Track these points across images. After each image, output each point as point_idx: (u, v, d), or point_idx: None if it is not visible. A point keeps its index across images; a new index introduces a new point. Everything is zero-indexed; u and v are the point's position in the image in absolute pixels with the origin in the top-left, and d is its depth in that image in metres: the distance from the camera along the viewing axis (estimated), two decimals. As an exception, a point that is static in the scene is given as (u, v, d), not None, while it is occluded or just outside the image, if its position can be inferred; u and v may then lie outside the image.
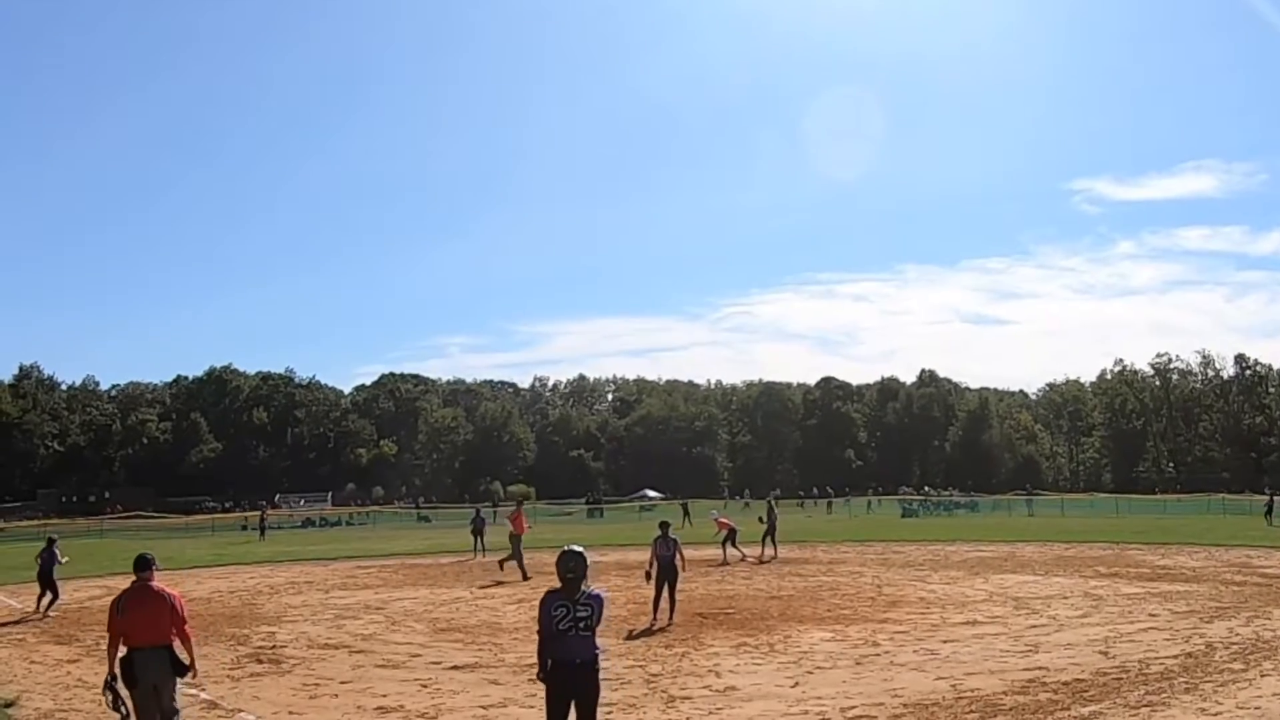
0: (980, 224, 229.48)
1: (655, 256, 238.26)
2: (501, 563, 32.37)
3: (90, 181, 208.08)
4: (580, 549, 9.59)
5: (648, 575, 21.17)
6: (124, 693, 10.20)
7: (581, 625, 9.24)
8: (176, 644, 10.38)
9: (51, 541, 26.07)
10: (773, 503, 39.93)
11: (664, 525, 22.00)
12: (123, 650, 10.19)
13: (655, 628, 19.96)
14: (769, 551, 35.98)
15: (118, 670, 10.15)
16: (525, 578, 29.87)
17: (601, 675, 9.46)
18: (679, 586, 21.22)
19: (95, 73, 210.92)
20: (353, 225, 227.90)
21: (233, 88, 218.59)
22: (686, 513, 63.49)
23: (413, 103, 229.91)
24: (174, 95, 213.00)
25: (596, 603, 9.37)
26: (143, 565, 10.65)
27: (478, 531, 41.72)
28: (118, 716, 10.29)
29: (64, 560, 25.82)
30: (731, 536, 35.55)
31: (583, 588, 9.39)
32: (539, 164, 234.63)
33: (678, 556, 21.11)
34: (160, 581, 10.69)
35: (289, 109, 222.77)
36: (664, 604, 20.77)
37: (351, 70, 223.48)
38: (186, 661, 10.37)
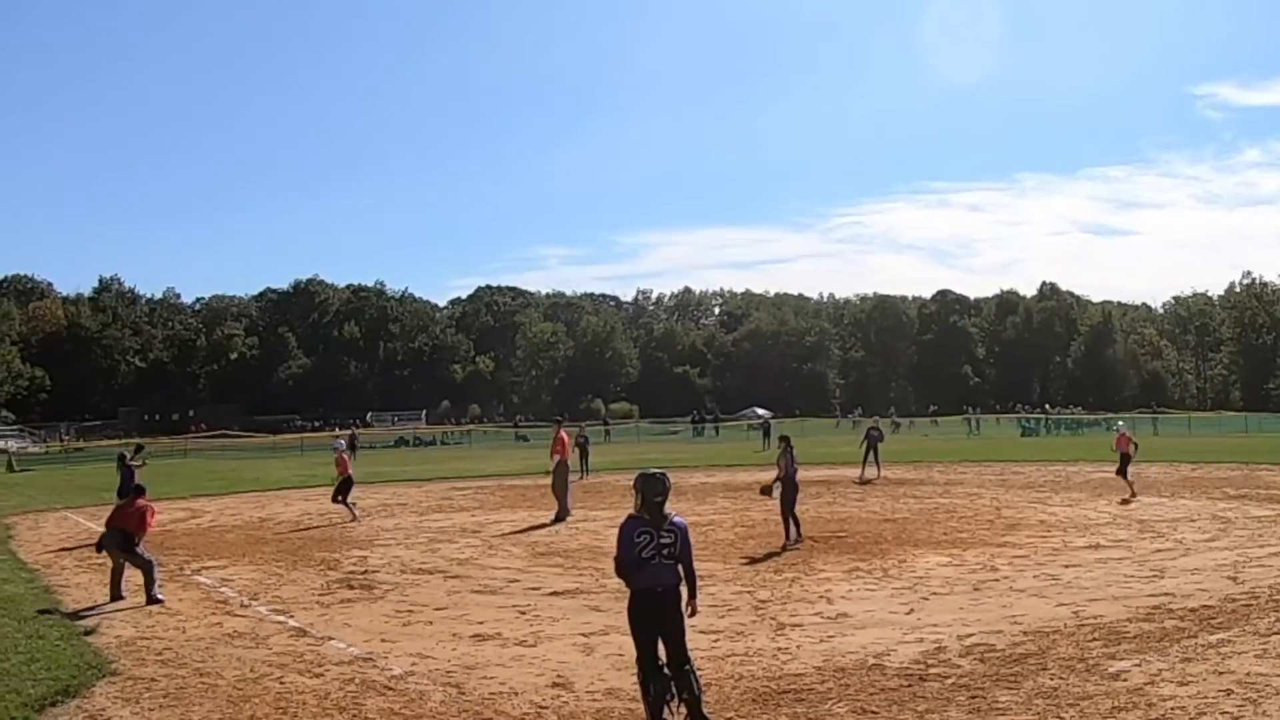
0: (1100, 130, 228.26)
1: (762, 165, 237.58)
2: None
3: (174, 88, 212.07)
4: (664, 471, 9.59)
5: (767, 490, 21.37)
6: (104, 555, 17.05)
7: (665, 553, 9.20)
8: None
9: (122, 458, 25.38)
10: (869, 420, 40.07)
11: (785, 439, 22.06)
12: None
13: (789, 548, 20.26)
14: (869, 472, 36.58)
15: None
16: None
17: (701, 602, 9.50)
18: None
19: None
20: (446, 133, 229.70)
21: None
22: (767, 434, 63.73)
23: (511, 8, 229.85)
24: (262, 1, 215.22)
25: (681, 532, 9.32)
26: (138, 493, 17.19)
27: (582, 453, 42.16)
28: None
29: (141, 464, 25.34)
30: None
31: (665, 512, 9.37)
32: (641, 69, 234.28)
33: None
34: (147, 501, 17.16)
35: (383, 16, 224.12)
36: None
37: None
38: (137, 544, 16.65)
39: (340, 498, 28.01)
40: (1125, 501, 27.67)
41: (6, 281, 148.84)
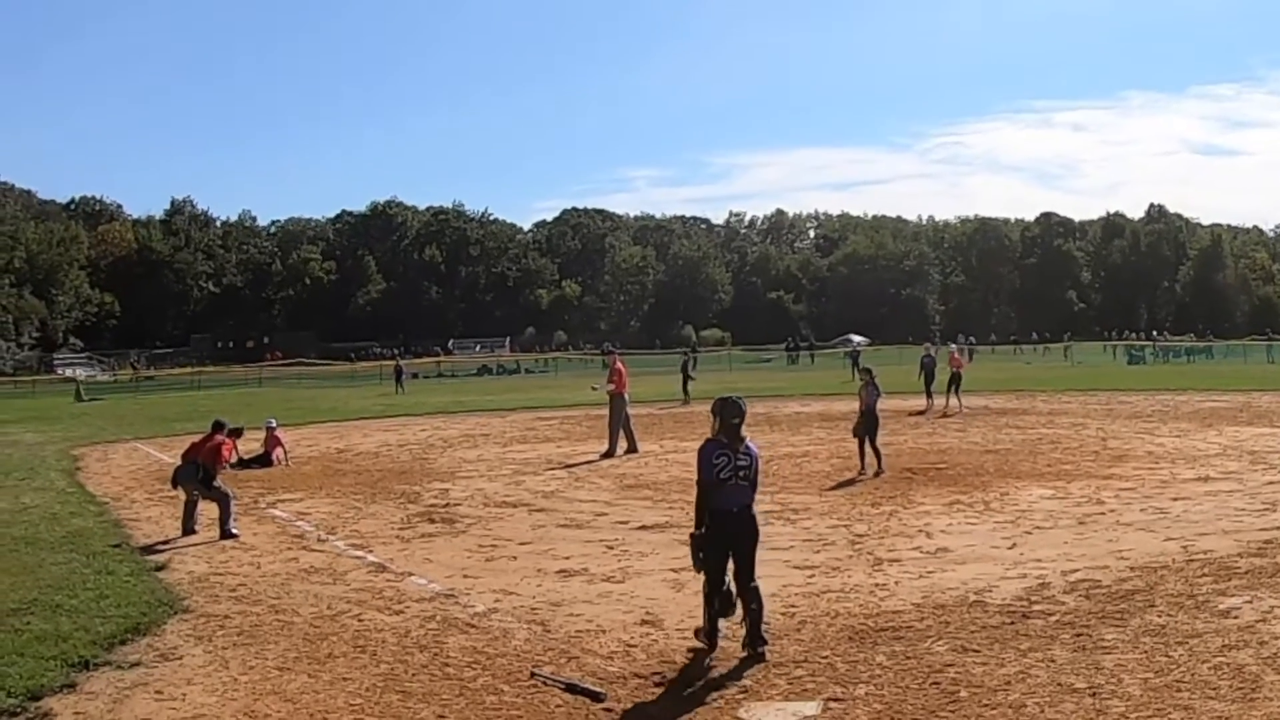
0: (1208, 47, 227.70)
1: (858, 83, 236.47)
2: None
3: (249, 4, 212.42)
4: (740, 395, 10.03)
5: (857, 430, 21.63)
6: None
7: (741, 475, 9.67)
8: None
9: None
10: (931, 350, 39.82)
11: (867, 371, 22.42)
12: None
13: (859, 479, 20.50)
14: (939, 402, 36.19)
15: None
16: None
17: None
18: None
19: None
20: (528, 51, 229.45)
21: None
22: (856, 364, 63.65)
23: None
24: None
25: (755, 458, 9.83)
26: (217, 427, 17.54)
27: (684, 376, 42.78)
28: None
29: None
30: None
31: (741, 435, 9.81)
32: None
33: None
34: (223, 437, 17.58)
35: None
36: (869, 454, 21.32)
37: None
38: (214, 479, 16.92)
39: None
40: (944, 416, 33.74)
41: (75, 203, 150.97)
